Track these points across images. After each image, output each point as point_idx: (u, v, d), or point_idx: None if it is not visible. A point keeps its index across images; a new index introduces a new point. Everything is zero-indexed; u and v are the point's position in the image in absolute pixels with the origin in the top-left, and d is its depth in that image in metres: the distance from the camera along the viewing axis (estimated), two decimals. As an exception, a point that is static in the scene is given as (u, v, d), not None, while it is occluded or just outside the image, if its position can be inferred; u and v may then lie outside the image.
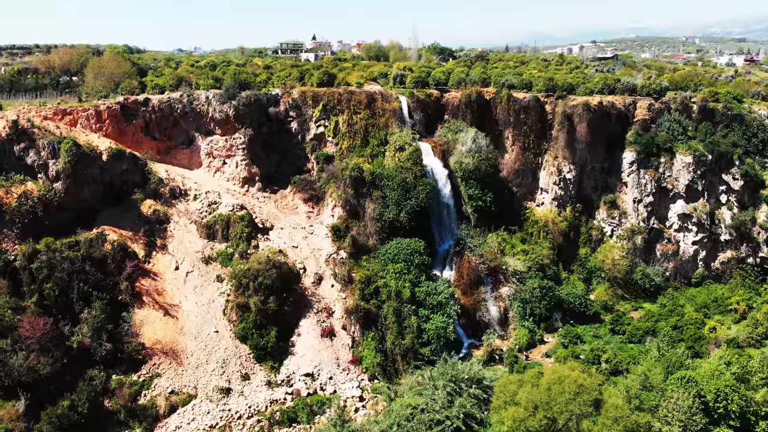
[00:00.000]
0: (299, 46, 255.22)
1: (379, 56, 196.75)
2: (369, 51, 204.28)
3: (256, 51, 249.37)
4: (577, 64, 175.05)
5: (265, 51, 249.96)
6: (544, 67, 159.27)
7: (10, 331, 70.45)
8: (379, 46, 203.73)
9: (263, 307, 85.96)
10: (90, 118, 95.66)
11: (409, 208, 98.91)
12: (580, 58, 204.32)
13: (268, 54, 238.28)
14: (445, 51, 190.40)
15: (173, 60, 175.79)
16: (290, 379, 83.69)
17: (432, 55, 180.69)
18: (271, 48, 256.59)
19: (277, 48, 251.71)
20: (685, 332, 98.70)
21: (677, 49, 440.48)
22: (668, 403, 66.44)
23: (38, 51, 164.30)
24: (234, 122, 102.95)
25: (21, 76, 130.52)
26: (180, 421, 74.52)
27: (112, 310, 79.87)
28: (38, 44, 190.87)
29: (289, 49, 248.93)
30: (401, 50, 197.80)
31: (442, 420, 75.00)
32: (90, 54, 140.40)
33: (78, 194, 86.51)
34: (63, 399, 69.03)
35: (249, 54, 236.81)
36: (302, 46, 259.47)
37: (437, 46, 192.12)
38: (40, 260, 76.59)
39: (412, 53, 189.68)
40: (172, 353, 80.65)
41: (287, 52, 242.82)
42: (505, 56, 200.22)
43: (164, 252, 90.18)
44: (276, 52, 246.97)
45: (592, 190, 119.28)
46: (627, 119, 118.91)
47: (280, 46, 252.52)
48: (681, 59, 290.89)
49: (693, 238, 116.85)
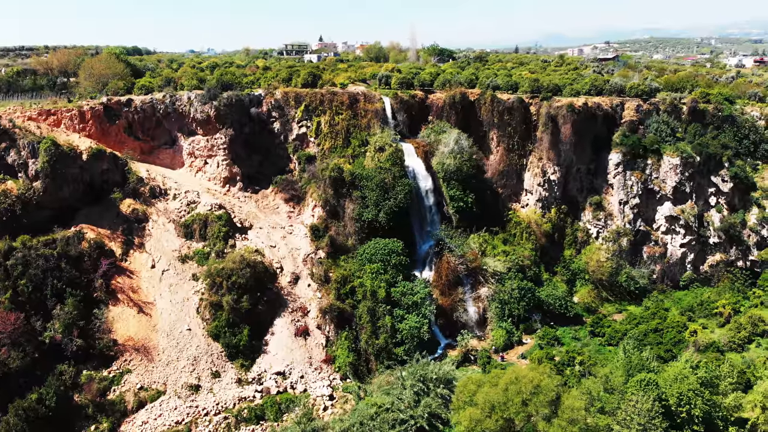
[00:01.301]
0: (304, 48, 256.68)
1: (379, 57, 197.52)
2: (369, 52, 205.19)
3: (261, 52, 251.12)
4: (576, 65, 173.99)
5: (271, 52, 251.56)
6: (542, 68, 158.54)
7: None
8: (379, 48, 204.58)
9: (236, 305, 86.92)
10: (73, 119, 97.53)
11: (387, 209, 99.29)
12: (580, 59, 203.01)
13: (274, 55, 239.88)
14: (444, 52, 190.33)
15: (176, 61, 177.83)
16: (261, 378, 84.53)
17: (429, 56, 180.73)
18: (277, 49, 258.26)
19: (282, 49, 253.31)
20: (665, 335, 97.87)
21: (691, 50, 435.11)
22: (627, 406, 65.96)
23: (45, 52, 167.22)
24: (215, 122, 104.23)
25: (20, 77, 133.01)
26: (147, 417, 75.71)
27: (86, 307, 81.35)
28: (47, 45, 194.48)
29: (294, 51, 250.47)
30: (401, 51, 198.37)
31: (406, 419, 75.45)
32: (87, 55, 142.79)
33: (57, 193, 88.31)
34: (32, 392, 70.64)
35: (254, 55, 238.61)
36: (307, 47, 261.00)
37: (436, 47, 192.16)
38: (15, 257, 78.41)
39: (410, 54, 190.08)
40: (144, 350, 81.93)
41: (292, 54, 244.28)
42: (505, 57, 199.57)
43: (141, 250, 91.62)
44: (281, 53, 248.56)
45: (578, 192, 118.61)
46: (614, 120, 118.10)
47: (285, 48, 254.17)
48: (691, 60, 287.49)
49: (681, 241, 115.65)
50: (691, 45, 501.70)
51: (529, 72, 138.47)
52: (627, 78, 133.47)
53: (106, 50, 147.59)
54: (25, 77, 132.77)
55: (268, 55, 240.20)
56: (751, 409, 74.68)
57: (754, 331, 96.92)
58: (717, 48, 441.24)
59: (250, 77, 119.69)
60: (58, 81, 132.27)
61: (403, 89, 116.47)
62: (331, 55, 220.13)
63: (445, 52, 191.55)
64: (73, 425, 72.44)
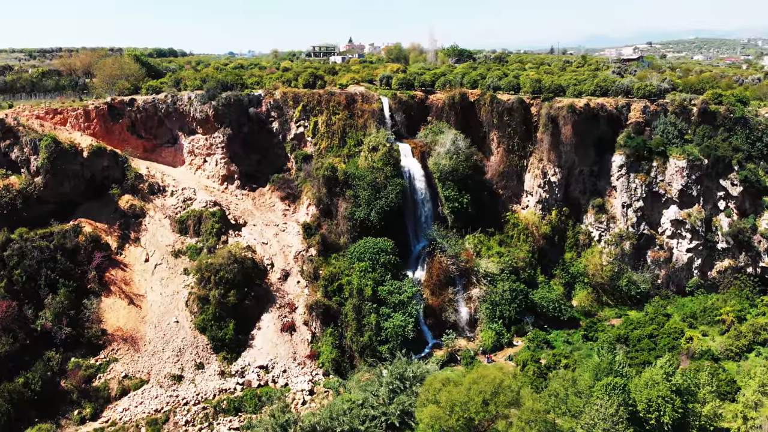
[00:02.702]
0: (332, 49, 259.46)
1: (400, 58, 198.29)
2: (390, 53, 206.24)
3: (290, 54, 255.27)
4: (597, 65, 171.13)
5: (299, 54, 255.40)
6: (561, 68, 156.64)
7: (-23, 312, 76.37)
8: (400, 48, 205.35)
9: (223, 300, 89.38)
10: (79, 118, 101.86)
11: (379, 208, 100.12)
12: (604, 60, 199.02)
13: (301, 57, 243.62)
14: (463, 53, 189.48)
15: (203, 63, 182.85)
16: (244, 371, 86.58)
17: (447, 57, 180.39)
18: (305, 51, 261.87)
19: (310, 51, 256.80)
20: (659, 342, 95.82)
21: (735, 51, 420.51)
22: (591, 410, 65.11)
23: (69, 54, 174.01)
24: (214, 122, 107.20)
25: (44, 78, 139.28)
26: (129, 404, 78.67)
27: (78, 298, 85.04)
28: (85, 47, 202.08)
29: (322, 52, 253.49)
30: (422, 53, 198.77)
31: (377, 416, 76.09)
32: (108, 56, 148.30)
33: (58, 188, 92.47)
34: (19, 377, 74.34)
35: (281, 57, 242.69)
36: (335, 49, 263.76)
37: (455, 48, 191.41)
38: (12, 248, 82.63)
39: (429, 56, 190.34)
40: (132, 340, 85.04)
41: (320, 55, 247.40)
42: (526, 58, 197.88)
43: (137, 245, 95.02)
44: (309, 55, 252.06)
45: (581, 194, 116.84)
46: (619, 122, 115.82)
47: (312, 50, 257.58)
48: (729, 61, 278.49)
49: (687, 246, 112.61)
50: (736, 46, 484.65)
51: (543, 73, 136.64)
52: (644, 79, 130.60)
53: (127, 51, 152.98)
54: (49, 78, 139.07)
55: (296, 56, 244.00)
56: (733, 419, 72.84)
57: (755, 339, 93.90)
58: (765, 49, 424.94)
59: (255, 78, 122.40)
60: (80, 81, 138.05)
61: (403, 90, 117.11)
62: (355, 57, 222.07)
63: (464, 53, 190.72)
64: (57, 409, 75.82)
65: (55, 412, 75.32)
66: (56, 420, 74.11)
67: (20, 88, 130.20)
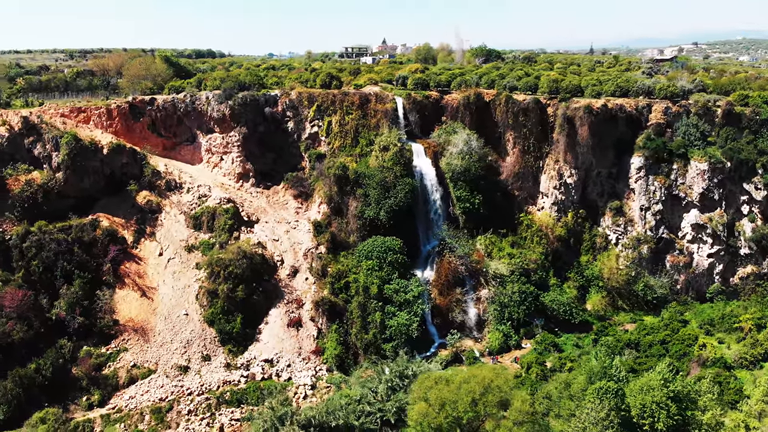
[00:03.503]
0: (364, 50, 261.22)
1: (428, 59, 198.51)
2: (419, 53, 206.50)
3: (323, 55, 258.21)
4: (628, 66, 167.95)
5: (332, 55, 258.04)
6: (589, 69, 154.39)
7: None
8: (428, 49, 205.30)
9: (231, 294, 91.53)
10: (102, 116, 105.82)
11: (387, 207, 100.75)
12: (636, 60, 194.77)
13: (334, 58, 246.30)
14: (491, 53, 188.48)
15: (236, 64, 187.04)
16: (249, 364, 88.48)
17: (474, 57, 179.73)
18: (338, 52, 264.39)
19: (343, 52, 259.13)
20: (671, 348, 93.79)
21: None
22: (582, 413, 64.42)
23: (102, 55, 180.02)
24: (230, 121, 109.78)
25: (78, 77, 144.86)
26: (135, 392, 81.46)
27: (93, 289, 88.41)
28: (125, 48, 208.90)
29: (354, 53, 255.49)
30: (450, 53, 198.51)
31: (373, 412, 76.81)
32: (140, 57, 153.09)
33: (78, 184, 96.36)
34: (31, 363, 77.85)
35: (314, 58, 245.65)
36: (367, 50, 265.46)
37: (483, 48, 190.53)
38: (31, 240, 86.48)
39: (457, 56, 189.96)
40: (142, 331, 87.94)
41: (352, 56, 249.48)
42: (555, 58, 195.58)
43: (152, 239, 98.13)
44: (342, 56, 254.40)
45: (598, 196, 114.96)
46: (639, 123, 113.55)
47: (345, 50, 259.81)
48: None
49: (708, 251, 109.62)
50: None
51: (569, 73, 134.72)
52: (674, 80, 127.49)
53: (158, 53, 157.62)
54: (83, 78, 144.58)
55: (329, 57, 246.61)
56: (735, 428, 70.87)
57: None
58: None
59: (275, 78, 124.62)
60: (111, 82, 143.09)
61: (418, 90, 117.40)
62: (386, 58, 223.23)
63: (492, 53, 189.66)
64: (67, 395, 79.13)
65: (65, 398, 78.62)
66: (65, 405, 77.35)
67: (54, 87, 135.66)
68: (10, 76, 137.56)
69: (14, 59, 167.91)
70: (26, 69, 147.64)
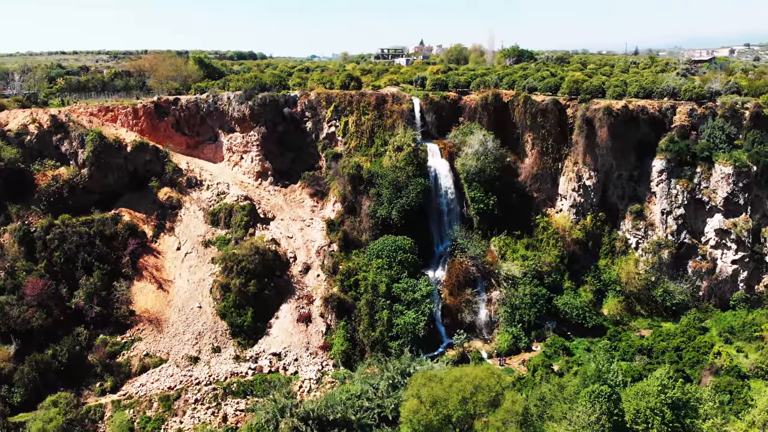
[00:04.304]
0: (400, 52, 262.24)
1: (459, 59, 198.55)
2: (450, 54, 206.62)
3: (359, 56, 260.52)
4: (664, 66, 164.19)
5: (368, 56, 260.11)
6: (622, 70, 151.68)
7: (18, 288, 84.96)
8: (460, 50, 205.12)
9: (243, 289, 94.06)
10: (128, 115, 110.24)
11: (399, 207, 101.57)
12: (673, 61, 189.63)
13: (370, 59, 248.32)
14: (523, 53, 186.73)
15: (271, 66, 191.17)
16: (258, 357, 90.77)
17: (504, 58, 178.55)
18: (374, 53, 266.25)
19: (379, 54, 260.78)
20: (684, 355, 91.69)
21: None
22: (573, 416, 64.04)
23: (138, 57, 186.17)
24: (250, 121, 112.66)
25: (115, 78, 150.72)
26: (146, 380, 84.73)
27: (112, 280, 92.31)
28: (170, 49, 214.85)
29: (390, 55, 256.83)
30: (482, 54, 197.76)
31: (371, 407, 77.90)
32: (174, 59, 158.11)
33: (102, 180, 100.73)
34: (48, 349, 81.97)
35: (349, 59, 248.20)
36: (404, 51, 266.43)
37: (516, 49, 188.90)
38: (54, 232, 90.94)
39: (488, 56, 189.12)
40: (156, 321, 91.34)
41: (388, 57, 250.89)
42: (589, 59, 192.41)
43: (171, 234, 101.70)
44: (378, 57, 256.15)
45: (619, 199, 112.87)
46: (663, 125, 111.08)
47: (381, 52, 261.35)
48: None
49: (732, 257, 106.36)
50: None
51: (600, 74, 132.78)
52: (707, 81, 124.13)
53: (192, 54, 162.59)
54: (119, 78, 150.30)
55: (364, 59, 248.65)
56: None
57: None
58: None
59: (298, 79, 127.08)
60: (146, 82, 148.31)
61: (436, 91, 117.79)
62: (420, 59, 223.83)
63: (525, 54, 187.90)
64: (82, 381, 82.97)
65: (80, 383, 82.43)
66: (79, 390, 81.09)
67: (92, 87, 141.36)
68: (51, 77, 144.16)
69: (58, 60, 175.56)
70: (67, 69, 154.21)
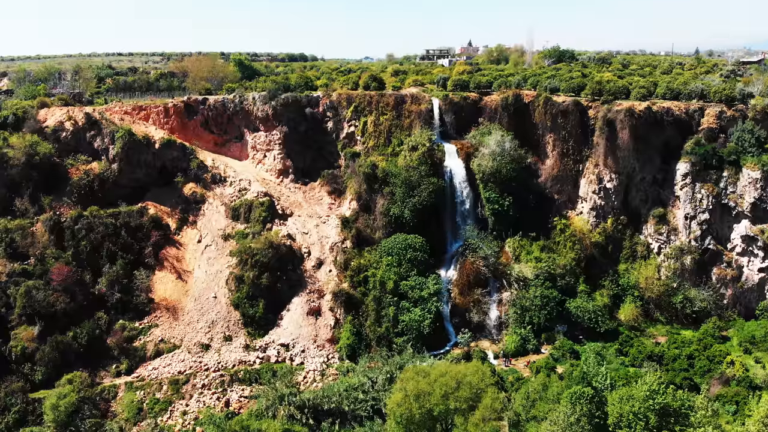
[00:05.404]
0: (445, 52, 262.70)
1: (500, 60, 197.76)
2: (490, 54, 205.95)
3: (404, 57, 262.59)
4: (711, 68, 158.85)
5: (414, 57, 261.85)
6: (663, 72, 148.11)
7: (46, 273, 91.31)
8: (501, 50, 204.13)
9: (257, 281, 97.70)
10: (159, 114, 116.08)
11: (411, 205, 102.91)
12: (723, 62, 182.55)
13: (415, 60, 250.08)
14: (564, 54, 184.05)
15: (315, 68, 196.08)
16: (267, 346, 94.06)
17: (542, 58, 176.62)
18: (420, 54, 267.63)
19: (424, 55, 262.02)
20: (696, 363, 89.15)
21: None
22: (553, 416, 63.99)
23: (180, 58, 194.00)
24: (273, 120, 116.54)
25: (160, 79, 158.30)
26: (159, 364, 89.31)
27: (134, 269, 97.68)
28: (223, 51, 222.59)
29: (435, 56, 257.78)
30: (522, 54, 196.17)
31: (365, 399, 79.76)
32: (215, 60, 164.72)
33: (131, 174, 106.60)
34: (69, 331, 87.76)
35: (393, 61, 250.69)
36: (449, 51, 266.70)
37: (556, 49, 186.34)
38: (82, 223, 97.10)
39: (528, 57, 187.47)
40: (173, 309, 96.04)
41: (432, 59, 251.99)
42: (633, 59, 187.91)
43: (193, 227, 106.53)
44: (423, 58, 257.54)
45: (642, 203, 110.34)
46: (690, 127, 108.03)
47: (426, 53, 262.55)
48: None
49: (759, 265, 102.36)
50: None
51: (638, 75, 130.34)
52: (748, 84, 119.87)
53: (232, 56, 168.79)
54: (164, 79, 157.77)
55: (409, 60, 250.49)
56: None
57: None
58: None
59: (324, 80, 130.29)
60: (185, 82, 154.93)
61: (456, 91, 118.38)
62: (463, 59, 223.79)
63: (565, 54, 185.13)
64: (99, 362, 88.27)
65: (97, 365, 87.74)
66: (95, 371, 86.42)
67: (137, 87, 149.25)
68: (100, 77, 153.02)
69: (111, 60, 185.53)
70: (116, 70, 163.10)
